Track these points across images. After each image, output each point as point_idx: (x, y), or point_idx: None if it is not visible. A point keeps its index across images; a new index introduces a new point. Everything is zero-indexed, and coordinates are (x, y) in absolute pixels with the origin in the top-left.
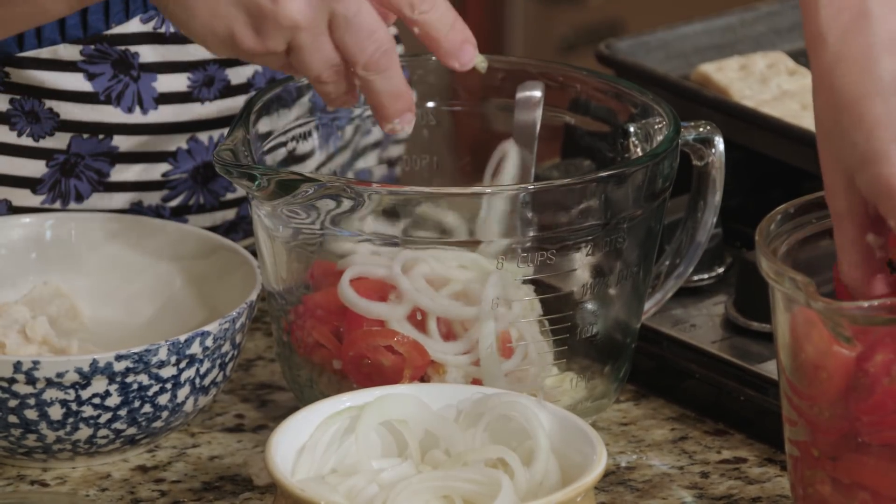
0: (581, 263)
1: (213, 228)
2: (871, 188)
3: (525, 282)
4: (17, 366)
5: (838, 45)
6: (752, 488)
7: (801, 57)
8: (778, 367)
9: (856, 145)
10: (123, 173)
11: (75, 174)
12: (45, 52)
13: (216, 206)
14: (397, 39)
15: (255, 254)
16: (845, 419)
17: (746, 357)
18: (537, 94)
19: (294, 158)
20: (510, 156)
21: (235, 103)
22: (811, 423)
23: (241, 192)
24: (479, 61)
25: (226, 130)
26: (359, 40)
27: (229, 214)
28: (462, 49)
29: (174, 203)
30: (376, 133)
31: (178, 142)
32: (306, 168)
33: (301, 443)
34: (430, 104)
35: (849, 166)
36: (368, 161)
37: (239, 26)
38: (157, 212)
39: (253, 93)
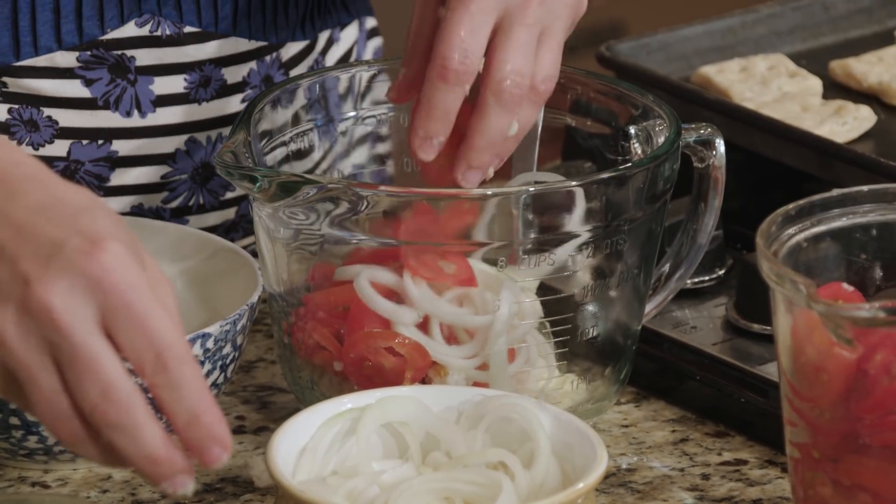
0: (582, 266)
1: (213, 228)
2: None
3: (526, 284)
4: None
5: None
6: (752, 490)
7: (801, 59)
8: (779, 369)
9: None
10: (123, 177)
11: (76, 180)
12: (41, 61)
13: (216, 205)
14: (375, 32)
15: (255, 254)
16: (846, 421)
17: (747, 359)
18: None
19: (294, 157)
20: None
21: (232, 102)
22: (812, 425)
23: (240, 191)
24: None
25: (224, 130)
26: (76, 376)
27: (229, 214)
28: (204, 450)
29: (174, 204)
30: (363, 129)
31: (177, 143)
32: (306, 167)
33: (302, 444)
34: None
35: None
36: (361, 155)
37: None
38: (157, 214)
39: (249, 91)
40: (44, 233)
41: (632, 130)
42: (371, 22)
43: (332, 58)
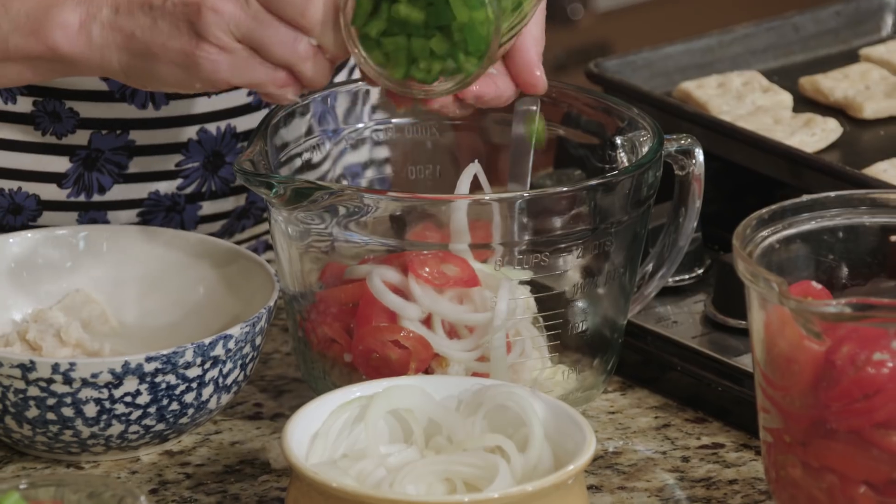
0: (572, 265)
1: (225, 214)
2: None
3: (521, 282)
4: (55, 367)
5: None
6: (728, 471)
7: (773, 76)
8: (753, 361)
9: None
10: (140, 164)
11: (97, 168)
12: None
13: (227, 192)
14: None
15: (270, 247)
16: (815, 408)
17: (724, 351)
18: (533, 108)
19: (307, 166)
20: (465, 175)
21: (239, 95)
22: (783, 412)
23: None
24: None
25: (231, 121)
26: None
27: (240, 200)
28: None
29: (188, 190)
30: (369, 139)
31: (189, 133)
32: (317, 174)
33: (315, 430)
34: (433, 118)
35: None
36: (361, 155)
37: None
38: (173, 199)
39: (273, 108)
40: None
41: (618, 141)
42: None
43: (341, 74)
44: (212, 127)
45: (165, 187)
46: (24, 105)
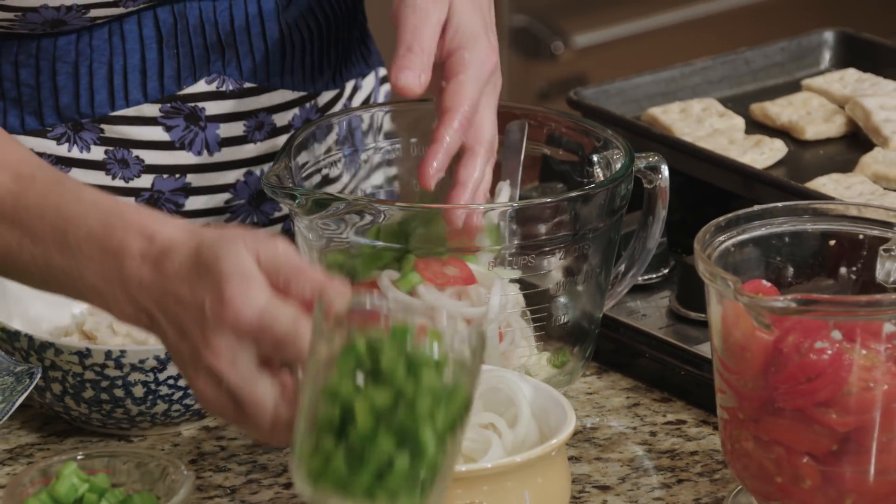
0: (555, 266)
1: None
2: None
3: (511, 280)
4: (108, 354)
5: None
6: (690, 444)
7: (728, 102)
8: (711, 348)
9: None
10: (195, 203)
11: (158, 206)
12: (131, 111)
13: (266, 223)
14: (387, 79)
15: None
16: (765, 389)
17: (686, 340)
18: (521, 131)
19: (326, 179)
20: (503, 190)
21: (280, 141)
22: (738, 393)
23: (284, 211)
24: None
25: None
26: (247, 415)
27: (276, 230)
28: None
29: (234, 223)
30: (380, 157)
31: (237, 175)
32: (335, 187)
33: None
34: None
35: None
36: (378, 177)
37: None
38: None
39: (293, 131)
40: (187, 301)
41: (595, 158)
42: (383, 71)
43: (357, 101)
44: (256, 170)
45: (215, 221)
46: (96, 153)
